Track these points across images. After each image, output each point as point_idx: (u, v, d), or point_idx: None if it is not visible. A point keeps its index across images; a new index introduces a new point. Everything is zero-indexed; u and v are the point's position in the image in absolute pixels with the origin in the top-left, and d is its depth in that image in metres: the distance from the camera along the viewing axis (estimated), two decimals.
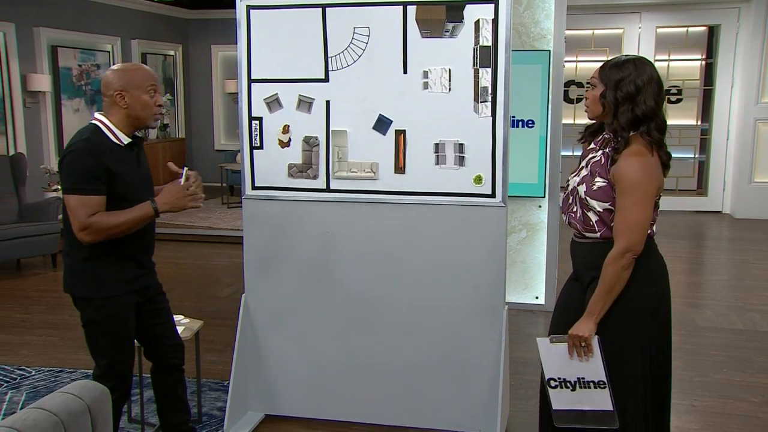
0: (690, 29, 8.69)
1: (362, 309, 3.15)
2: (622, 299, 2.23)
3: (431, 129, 2.96)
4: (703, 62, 8.84)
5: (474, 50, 2.86)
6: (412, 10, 2.89)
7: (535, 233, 4.98)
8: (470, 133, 2.92)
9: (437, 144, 2.97)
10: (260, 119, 3.12)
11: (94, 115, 2.52)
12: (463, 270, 3.02)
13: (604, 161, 2.26)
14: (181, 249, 6.95)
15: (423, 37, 2.90)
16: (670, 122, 2.39)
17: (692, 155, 8.84)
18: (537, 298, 5.04)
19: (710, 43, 8.84)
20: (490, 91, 2.87)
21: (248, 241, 3.24)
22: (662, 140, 2.23)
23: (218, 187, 9.66)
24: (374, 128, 3.01)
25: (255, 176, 3.17)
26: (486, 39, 2.84)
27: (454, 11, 2.85)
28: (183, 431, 2.88)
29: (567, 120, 7.61)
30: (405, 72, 2.95)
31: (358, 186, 3.07)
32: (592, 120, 2.38)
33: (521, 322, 4.72)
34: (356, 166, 3.06)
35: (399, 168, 3.02)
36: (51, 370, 3.98)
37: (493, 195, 2.95)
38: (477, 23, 2.84)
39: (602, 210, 2.25)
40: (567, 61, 7.21)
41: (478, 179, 2.95)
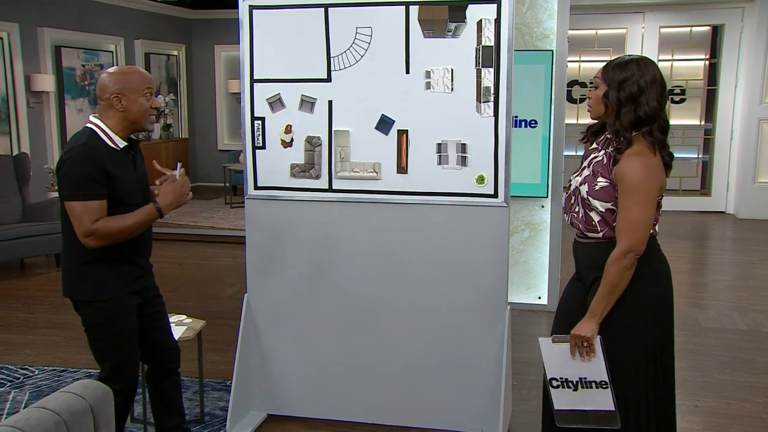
0: (693, 29, 8.67)
1: (365, 309, 3.15)
2: (625, 299, 2.22)
3: (434, 129, 2.96)
4: (707, 62, 8.81)
5: (476, 50, 2.86)
6: (415, 10, 2.89)
7: (538, 233, 4.98)
8: (473, 133, 2.92)
9: (440, 144, 2.96)
10: (263, 119, 3.12)
11: (90, 119, 2.51)
12: (466, 270, 3.02)
13: (606, 161, 2.26)
14: (185, 249, 6.96)
15: (425, 37, 2.90)
16: (674, 122, 2.39)
17: (696, 155, 8.82)
18: (540, 298, 5.03)
19: (714, 43, 8.82)
20: (493, 91, 2.87)
21: (250, 241, 3.24)
22: (665, 141, 2.22)
23: (221, 187, 9.67)
24: (377, 128, 3.01)
25: (257, 176, 3.18)
26: (488, 39, 2.84)
27: (457, 11, 2.85)
28: None
29: (570, 120, 7.61)
30: (407, 72, 2.95)
31: (361, 186, 3.07)
32: (595, 120, 2.37)
33: (524, 322, 4.72)
34: (358, 166, 3.06)
35: (401, 168, 3.02)
36: (54, 370, 3.99)
37: (496, 195, 2.94)
38: (479, 23, 2.84)
39: (604, 210, 2.25)
40: (570, 61, 7.22)
41: (481, 179, 2.95)
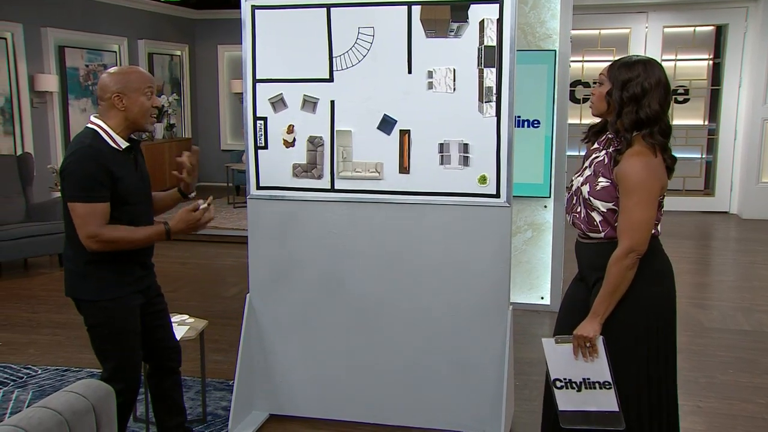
0: (697, 29, 8.66)
1: (367, 309, 3.15)
2: (627, 299, 2.22)
3: (436, 129, 2.96)
4: (711, 62, 8.79)
5: (479, 50, 2.86)
6: (417, 10, 2.89)
7: (541, 233, 4.97)
8: (475, 133, 2.92)
9: (442, 144, 2.96)
10: (265, 119, 3.12)
11: (91, 119, 2.51)
12: (468, 270, 3.02)
13: (608, 161, 2.25)
14: (188, 249, 6.96)
15: (427, 37, 2.90)
16: (677, 122, 2.38)
17: (699, 155, 8.80)
18: (542, 299, 5.02)
19: (718, 43, 8.80)
20: (495, 91, 2.86)
21: (253, 241, 3.24)
22: (666, 144, 2.21)
23: (224, 187, 9.68)
24: (379, 128, 3.01)
25: (260, 176, 3.18)
26: (491, 39, 2.84)
27: (459, 11, 2.85)
28: None
29: (573, 120, 7.58)
30: (409, 72, 2.94)
31: (363, 186, 3.07)
32: (596, 116, 2.37)
33: (527, 323, 4.71)
34: (361, 166, 3.06)
35: (403, 168, 3.02)
36: (57, 369, 4.00)
37: (498, 195, 2.94)
38: (482, 23, 2.83)
39: (606, 210, 2.24)
40: (573, 61, 7.19)
41: (483, 179, 2.94)
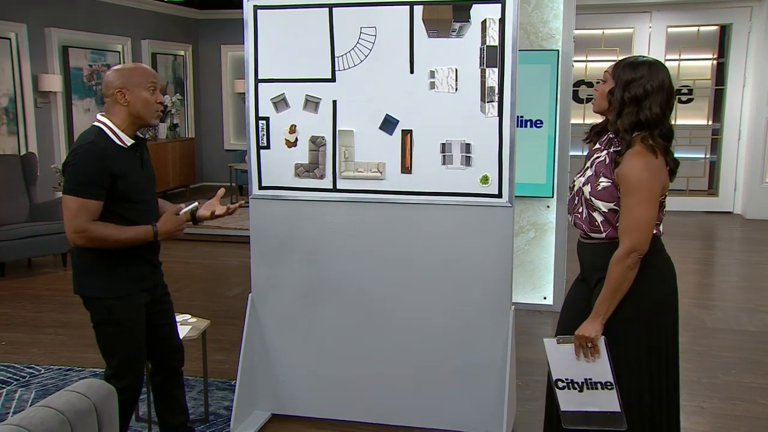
0: (701, 28, 8.63)
1: (369, 309, 3.15)
2: (629, 299, 2.22)
3: (438, 129, 2.96)
4: (715, 62, 8.77)
5: (481, 50, 2.86)
6: (419, 10, 2.89)
7: (544, 233, 4.97)
8: (477, 133, 2.92)
9: (444, 144, 2.96)
10: (267, 119, 3.13)
11: (97, 117, 2.52)
12: (470, 270, 3.01)
13: (609, 161, 2.25)
14: (190, 248, 6.98)
15: (430, 37, 2.90)
16: (681, 122, 2.38)
17: (703, 155, 8.78)
18: (545, 299, 5.02)
19: (722, 43, 8.78)
20: (497, 91, 2.86)
21: (255, 241, 3.24)
22: (667, 147, 2.20)
23: (227, 187, 9.66)
24: (381, 128, 3.01)
25: (262, 176, 3.18)
26: (493, 39, 2.83)
27: (461, 11, 2.85)
28: None
29: (576, 120, 7.59)
30: (412, 72, 2.94)
31: (365, 186, 3.07)
32: (597, 113, 2.37)
33: (529, 323, 4.71)
34: (363, 166, 3.06)
35: (405, 168, 3.02)
36: (60, 369, 4.00)
37: (500, 195, 2.94)
38: (484, 23, 2.83)
39: (607, 210, 2.24)
40: (576, 61, 7.20)
41: (485, 179, 2.94)
